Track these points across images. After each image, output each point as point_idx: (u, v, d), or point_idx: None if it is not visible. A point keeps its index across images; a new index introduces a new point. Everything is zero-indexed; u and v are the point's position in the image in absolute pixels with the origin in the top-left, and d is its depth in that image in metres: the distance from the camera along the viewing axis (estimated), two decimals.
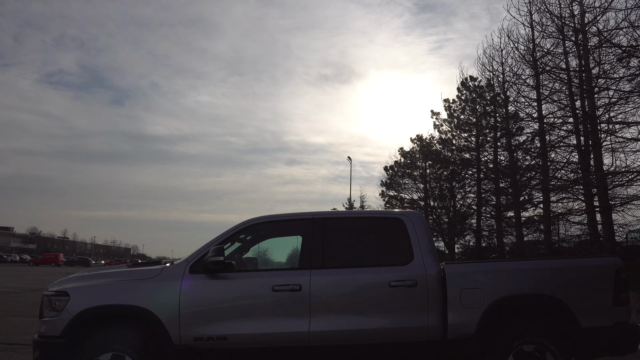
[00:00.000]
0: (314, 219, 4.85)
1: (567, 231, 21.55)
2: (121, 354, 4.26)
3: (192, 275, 4.52)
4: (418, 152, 30.25)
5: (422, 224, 4.88)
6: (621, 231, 18.59)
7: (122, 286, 4.51)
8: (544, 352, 4.46)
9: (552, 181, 18.66)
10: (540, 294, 4.59)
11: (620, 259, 4.97)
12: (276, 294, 4.44)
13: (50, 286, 4.74)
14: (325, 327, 4.37)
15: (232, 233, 4.83)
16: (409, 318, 4.45)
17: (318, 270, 4.55)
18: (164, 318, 4.32)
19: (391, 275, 4.53)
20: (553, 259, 5.75)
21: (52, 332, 4.38)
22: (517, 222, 23.41)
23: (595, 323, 4.58)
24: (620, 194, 17.40)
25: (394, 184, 30.87)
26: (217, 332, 4.33)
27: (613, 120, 16.68)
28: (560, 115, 19.28)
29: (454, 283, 4.53)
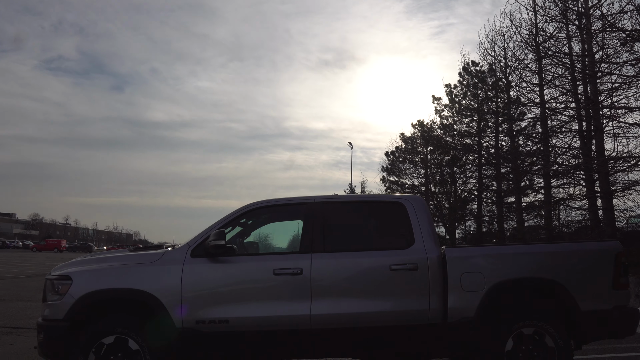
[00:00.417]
0: (314, 203, 4.86)
1: (567, 216, 21.60)
2: (124, 337, 4.30)
3: (193, 259, 4.54)
4: (419, 137, 30.17)
5: (423, 208, 4.89)
6: (622, 216, 18.64)
7: (124, 270, 4.54)
8: (543, 335, 4.50)
9: (553, 166, 18.63)
10: (540, 278, 4.62)
11: (621, 244, 4.99)
12: (277, 277, 4.47)
13: (53, 270, 4.78)
14: (326, 310, 4.41)
15: (233, 217, 4.84)
16: (409, 301, 4.48)
17: (319, 254, 4.57)
18: (166, 301, 4.36)
19: (392, 259, 4.55)
20: (553, 243, 5.78)
21: (55, 315, 4.43)
22: (517, 208, 23.44)
23: (594, 307, 4.62)
24: (622, 179, 17.40)
25: (395, 170, 30.86)
26: (219, 315, 4.37)
27: (615, 105, 16.59)
28: (563, 101, 19.17)
29: (455, 267, 4.56)
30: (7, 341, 7.06)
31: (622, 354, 6.41)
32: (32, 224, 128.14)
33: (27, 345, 6.68)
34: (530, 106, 21.06)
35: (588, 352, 6.41)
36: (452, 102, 27.92)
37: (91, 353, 4.27)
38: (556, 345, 4.45)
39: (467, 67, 27.03)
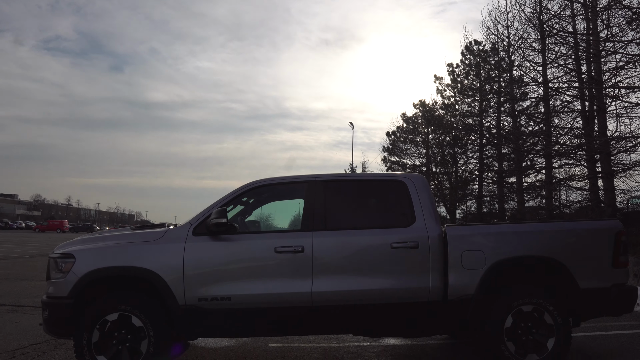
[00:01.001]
0: (316, 181, 4.86)
1: (568, 197, 21.58)
2: (127, 314, 4.35)
3: (195, 237, 4.56)
4: (420, 117, 30.04)
5: (424, 186, 4.88)
6: (622, 197, 18.61)
7: (127, 248, 4.56)
8: (542, 313, 4.55)
9: (555, 147, 18.55)
10: (540, 256, 4.64)
11: (621, 223, 5.00)
12: (279, 255, 4.49)
13: (56, 249, 4.81)
14: (328, 287, 4.44)
15: (234, 196, 4.84)
16: (409, 279, 4.51)
17: (320, 232, 4.59)
18: (169, 279, 4.39)
19: (393, 237, 4.57)
20: (554, 222, 5.79)
21: (59, 293, 4.47)
22: (518, 188, 23.44)
23: (593, 284, 4.65)
24: (623, 159, 17.32)
25: (396, 150, 30.80)
26: (221, 292, 4.40)
27: (619, 85, 16.42)
28: (566, 80, 18.96)
29: (455, 245, 4.58)
30: (12, 319, 7.16)
31: (620, 332, 6.48)
32: (34, 205, 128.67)
33: (32, 323, 6.77)
34: (533, 86, 20.84)
35: (586, 329, 6.48)
36: (454, 82, 27.69)
37: (95, 330, 4.33)
38: (555, 322, 4.51)
39: (469, 47, 26.74)
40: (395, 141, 30.91)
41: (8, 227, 73.46)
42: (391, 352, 5.52)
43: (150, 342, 4.31)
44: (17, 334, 6.20)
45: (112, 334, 4.38)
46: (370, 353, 5.46)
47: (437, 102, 29.00)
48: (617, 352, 5.39)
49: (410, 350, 5.62)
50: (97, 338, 4.33)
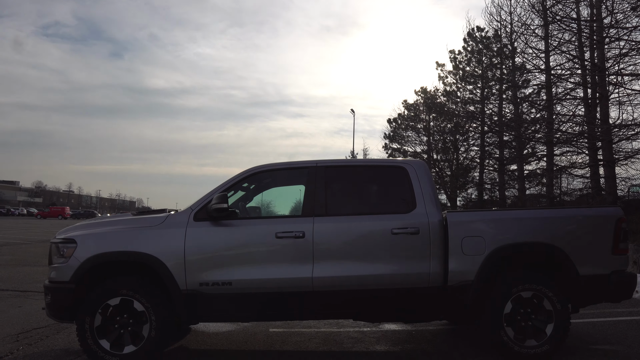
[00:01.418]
0: (317, 167, 4.85)
1: (569, 185, 21.58)
2: (129, 299, 4.38)
3: (196, 223, 4.57)
4: (422, 104, 29.93)
5: (425, 172, 4.88)
6: (623, 185, 18.62)
7: (128, 233, 4.58)
8: (542, 299, 4.57)
9: (556, 134, 18.48)
10: (540, 243, 4.65)
11: (622, 209, 5.01)
12: (279, 241, 4.51)
13: (57, 234, 4.82)
14: (328, 273, 4.46)
15: (235, 181, 4.84)
16: (410, 265, 4.53)
17: (321, 218, 4.59)
18: (170, 264, 4.41)
19: (394, 222, 4.58)
20: (554, 208, 5.80)
21: (61, 277, 4.50)
22: (519, 176, 23.44)
23: (593, 271, 4.67)
24: (625, 147, 17.28)
25: (397, 137, 30.75)
26: (222, 277, 4.43)
27: (622, 72, 16.30)
28: (568, 67, 18.84)
29: (456, 231, 4.59)
30: (16, 303, 7.22)
31: (618, 318, 6.53)
32: (36, 192, 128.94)
33: (35, 307, 6.83)
34: (536, 72, 20.72)
35: (585, 315, 6.53)
36: (456, 69, 27.54)
37: (97, 314, 4.36)
38: (554, 308, 4.53)
39: (472, 33, 26.53)
40: (396, 128, 30.84)
41: (10, 214, 73.73)
42: (391, 338, 5.56)
43: (152, 327, 4.35)
44: (20, 318, 6.26)
45: (114, 319, 4.41)
46: (370, 338, 5.51)
47: (438, 89, 28.90)
48: (614, 339, 5.43)
49: (410, 335, 5.67)
50: (100, 322, 4.37)
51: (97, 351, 4.31)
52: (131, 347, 4.36)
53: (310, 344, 5.28)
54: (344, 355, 4.84)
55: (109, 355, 4.31)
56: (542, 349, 4.49)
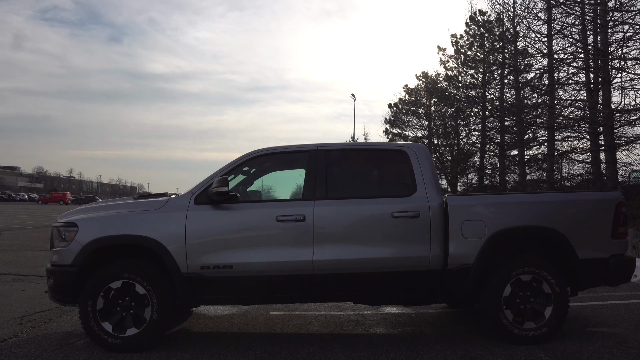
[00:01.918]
0: (317, 150, 4.84)
1: (570, 170, 21.54)
2: (131, 282, 4.41)
3: (197, 206, 4.58)
4: (423, 89, 29.79)
5: (426, 156, 4.87)
6: (624, 170, 18.59)
7: (129, 217, 4.59)
8: (541, 282, 4.60)
9: (558, 119, 18.39)
10: (540, 226, 4.66)
11: (622, 194, 5.01)
12: (280, 224, 4.52)
13: (59, 218, 4.84)
14: (329, 256, 4.49)
15: (235, 165, 4.84)
16: (410, 248, 4.55)
17: (322, 201, 4.60)
18: (171, 247, 4.43)
19: (394, 206, 4.59)
20: (554, 192, 5.80)
21: (63, 261, 4.52)
22: (520, 161, 23.41)
23: (592, 255, 4.69)
24: (626, 132, 17.21)
25: (398, 122, 30.66)
26: (223, 260, 4.45)
27: (626, 56, 16.15)
28: (571, 52, 18.66)
29: (456, 214, 4.60)
30: (19, 287, 7.28)
31: (617, 302, 6.58)
32: (37, 177, 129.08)
33: (37, 291, 6.89)
34: (538, 57, 20.53)
35: (584, 299, 6.58)
36: (457, 53, 27.34)
37: (99, 297, 4.39)
38: (553, 291, 4.56)
39: (474, 17, 26.26)
40: (397, 113, 30.74)
41: (11, 199, 73.89)
42: (391, 321, 5.61)
43: (154, 309, 4.38)
44: (23, 302, 6.31)
45: (116, 301, 4.45)
46: (370, 321, 5.56)
47: (439, 73, 28.72)
48: (612, 322, 5.48)
49: (409, 318, 5.72)
50: (102, 305, 4.40)
51: (100, 333, 4.36)
52: (133, 329, 4.40)
53: (310, 326, 5.34)
54: (344, 337, 4.89)
55: (112, 337, 4.36)
56: (541, 331, 4.53)
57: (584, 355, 4.24)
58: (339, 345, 4.59)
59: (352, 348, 4.51)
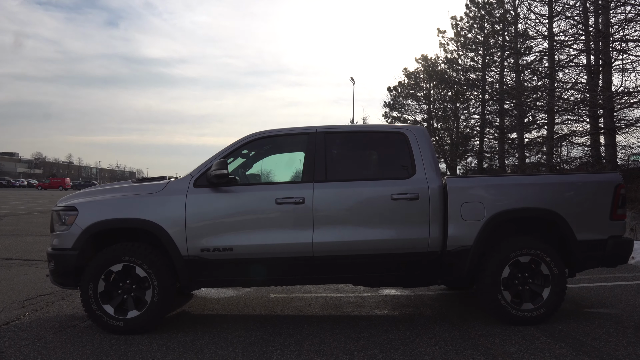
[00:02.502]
0: (316, 132, 4.83)
1: (569, 153, 21.53)
2: (131, 265, 4.43)
3: (196, 189, 4.58)
4: (423, 72, 29.62)
5: (425, 138, 4.86)
6: (623, 153, 18.58)
7: (129, 200, 4.59)
8: (539, 264, 4.63)
9: (558, 102, 18.31)
10: (539, 208, 4.68)
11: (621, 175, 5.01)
12: (280, 206, 4.53)
13: (58, 202, 4.85)
14: (328, 238, 4.50)
15: (235, 147, 4.82)
16: (409, 230, 4.56)
17: (321, 184, 4.60)
18: (171, 230, 4.44)
19: (393, 188, 4.59)
20: (554, 174, 5.80)
21: (64, 244, 4.54)
22: (519, 144, 23.39)
23: (590, 236, 4.71)
24: (626, 115, 17.15)
25: (397, 105, 30.56)
26: (223, 243, 4.47)
27: (627, 38, 16.02)
28: (572, 33, 18.50)
29: (455, 196, 4.60)
30: (20, 272, 7.31)
31: (614, 283, 6.63)
32: (35, 163, 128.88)
33: (39, 276, 6.93)
34: (539, 39, 20.37)
35: (582, 280, 6.64)
36: (457, 36, 27.10)
37: (100, 280, 4.42)
38: (551, 273, 4.59)
39: None
40: (396, 96, 30.61)
41: (10, 185, 73.93)
42: (390, 302, 5.66)
43: (155, 292, 4.41)
44: (25, 286, 6.35)
45: (117, 284, 4.48)
46: (369, 303, 5.61)
47: (439, 56, 28.55)
48: (609, 302, 5.53)
49: (408, 300, 5.77)
50: (103, 288, 4.43)
51: (102, 316, 4.40)
52: (135, 312, 4.43)
53: (310, 308, 5.38)
54: (344, 319, 4.94)
55: (113, 319, 4.40)
56: (538, 312, 4.57)
57: (581, 335, 4.29)
58: (339, 327, 4.63)
59: (351, 329, 4.55)
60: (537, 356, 3.79)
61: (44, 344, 4.15)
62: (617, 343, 4.08)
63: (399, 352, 3.93)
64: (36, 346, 4.09)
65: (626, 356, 3.78)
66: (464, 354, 3.87)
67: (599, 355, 3.81)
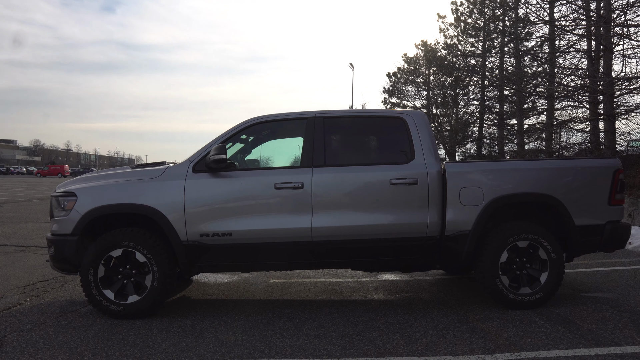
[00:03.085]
0: (315, 117, 4.81)
1: (568, 139, 21.51)
2: (131, 250, 4.45)
3: (195, 174, 4.58)
4: (422, 58, 29.43)
5: (424, 123, 4.85)
6: (622, 139, 18.54)
7: (128, 186, 4.59)
8: (537, 248, 4.65)
9: (558, 88, 18.24)
10: (538, 193, 4.68)
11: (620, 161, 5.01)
12: (278, 191, 4.53)
13: (57, 188, 4.85)
14: (327, 223, 4.51)
15: (233, 132, 4.80)
16: (408, 215, 4.57)
17: (320, 169, 4.60)
18: (170, 216, 4.45)
19: (392, 173, 4.59)
20: (552, 159, 5.80)
21: (63, 230, 4.55)
22: (519, 130, 23.33)
23: (588, 221, 4.73)
24: (626, 101, 17.09)
25: (397, 91, 30.43)
26: (222, 228, 4.48)
27: (629, 23, 15.88)
28: (573, 18, 18.35)
29: (454, 181, 4.61)
30: (20, 258, 7.34)
31: (611, 268, 6.67)
32: (34, 150, 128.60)
33: (39, 261, 6.96)
34: (539, 24, 20.19)
35: (579, 265, 6.68)
36: (457, 21, 26.86)
37: (100, 265, 4.44)
38: (549, 257, 4.62)
39: None
40: (395, 82, 30.47)
41: (9, 173, 73.83)
42: (389, 287, 5.70)
43: (155, 277, 4.44)
44: (25, 272, 6.38)
45: (117, 269, 4.50)
46: (368, 288, 5.65)
47: (439, 42, 28.33)
48: (606, 287, 5.57)
49: (407, 285, 5.81)
50: (103, 273, 4.45)
51: (102, 301, 4.42)
52: (135, 296, 4.46)
53: (309, 293, 5.42)
54: (343, 303, 4.97)
55: (114, 304, 4.42)
56: (536, 296, 4.61)
57: (578, 319, 4.33)
58: (338, 311, 4.67)
59: (350, 313, 4.59)
60: (534, 339, 3.83)
61: (45, 328, 4.18)
62: (613, 326, 4.13)
63: (398, 335, 3.97)
64: (38, 331, 4.12)
65: (622, 339, 3.82)
66: (462, 337, 3.91)
67: (595, 338, 3.85)
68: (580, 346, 3.68)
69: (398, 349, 3.68)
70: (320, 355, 3.57)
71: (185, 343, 3.84)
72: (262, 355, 3.57)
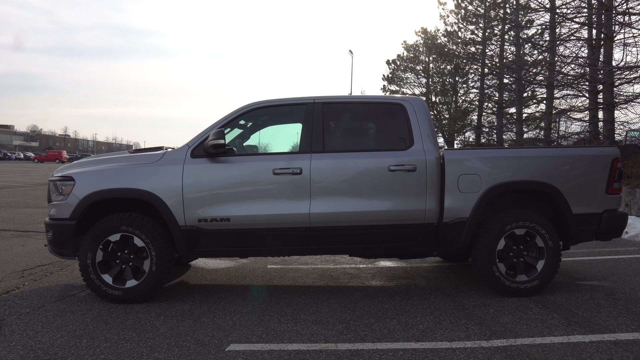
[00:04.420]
0: (314, 103, 4.78)
1: (567, 128, 21.49)
2: (129, 234, 4.45)
3: (193, 160, 4.56)
4: (422, 45, 29.26)
5: (423, 109, 4.83)
6: (621, 129, 18.53)
7: (126, 170, 4.58)
8: (534, 236, 4.66)
9: (558, 76, 18.17)
10: (536, 181, 4.69)
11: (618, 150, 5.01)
12: (277, 177, 4.52)
13: (55, 172, 4.83)
14: (325, 209, 4.52)
15: (232, 118, 4.78)
16: (406, 201, 4.58)
17: (318, 154, 4.59)
18: (168, 201, 4.44)
19: (391, 160, 4.58)
20: (551, 147, 5.80)
21: (61, 214, 4.55)
22: (518, 119, 23.31)
23: (586, 210, 4.74)
24: (626, 91, 17.08)
25: (396, 79, 30.31)
26: (220, 213, 4.48)
27: (630, 11, 15.77)
28: (574, 6, 18.22)
29: (452, 168, 4.61)
30: (18, 243, 7.35)
31: (607, 257, 6.71)
32: (32, 136, 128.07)
33: (37, 246, 6.96)
34: (541, 11, 20.06)
35: (575, 254, 6.71)
36: (458, 8, 26.67)
37: (99, 249, 4.45)
38: (546, 245, 4.64)
39: None
40: (395, 70, 30.33)
41: (7, 158, 73.56)
42: (386, 274, 5.73)
43: (153, 262, 4.45)
44: (24, 256, 6.39)
45: (115, 254, 4.51)
46: (365, 274, 5.67)
47: (439, 29, 28.17)
48: (602, 275, 5.61)
49: (404, 271, 5.84)
50: (101, 257, 4.46)
51: (100, 285, 4.44)
52: (133, 281, 4.48)
53: (307, 279, 5.44)
54: (340, 289, 5.00)
55: (112, 289, 4.44)
56: (532, 284, 4.64)
57: (573, 306, 4.36)
58: (335, 297, 4.70)
59: (348, 299, 4.62)
60: (529, 326, 3.87)
61: (44, 312, 4.20)
62: (608, 314, 4.16)
63: (395, 321, 4.00)
64: (36, 314, 4.14)
65: (616, 326, 3.86)
66: (458, 323, 3.94)
67: (589, 325, 3.88)
68: (575, 333, 3.72)
69: (395, 334, 3.71)
70: (317, 340, 3.60)
71: (183, 327, 3.86)
72: (259, 340, 3.59)
